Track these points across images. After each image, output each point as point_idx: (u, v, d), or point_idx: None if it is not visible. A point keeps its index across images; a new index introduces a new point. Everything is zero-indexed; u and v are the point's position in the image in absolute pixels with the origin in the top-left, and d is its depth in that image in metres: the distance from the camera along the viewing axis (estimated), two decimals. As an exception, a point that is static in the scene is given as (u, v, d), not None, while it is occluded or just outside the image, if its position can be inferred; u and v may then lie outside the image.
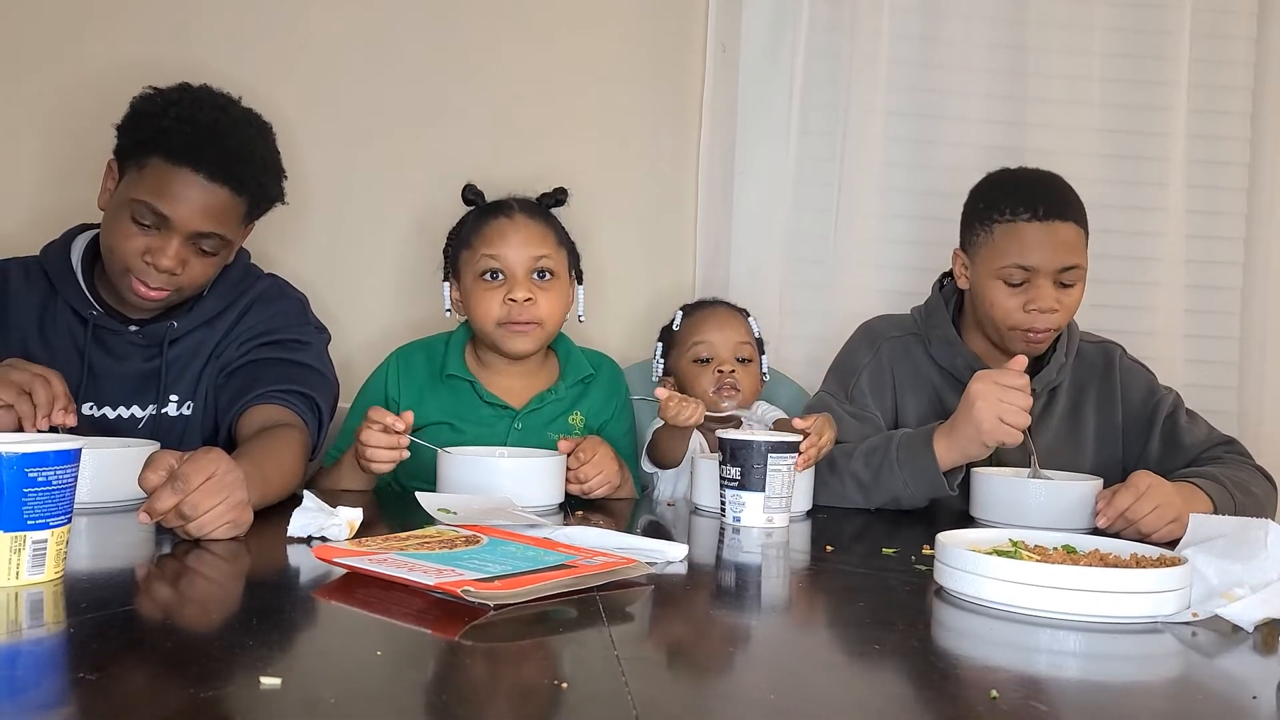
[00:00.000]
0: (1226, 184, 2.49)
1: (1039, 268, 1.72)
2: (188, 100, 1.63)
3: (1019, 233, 1.73)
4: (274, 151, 1.71)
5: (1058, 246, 1.72)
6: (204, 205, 1.59)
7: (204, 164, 1.58)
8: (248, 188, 1.64)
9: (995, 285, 1.76)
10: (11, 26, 2.22)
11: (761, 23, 2.37)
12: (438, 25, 2.35)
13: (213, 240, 1.63)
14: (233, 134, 1.62)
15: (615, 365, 2.00)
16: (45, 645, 0.89)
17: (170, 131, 1.58)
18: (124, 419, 1.70)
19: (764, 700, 0.81)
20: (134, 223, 1.59)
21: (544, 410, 1.86)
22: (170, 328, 1.70)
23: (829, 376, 1.95)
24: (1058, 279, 1.74)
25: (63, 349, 1.69)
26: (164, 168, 1.58)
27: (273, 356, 1.72)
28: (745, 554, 1.40)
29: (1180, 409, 1.86)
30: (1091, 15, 2.44)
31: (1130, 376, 1.89)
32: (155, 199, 1.57)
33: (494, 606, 0.98)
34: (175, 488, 1.18)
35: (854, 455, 1.71)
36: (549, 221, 1.87)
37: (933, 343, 1.88)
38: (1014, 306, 1.75)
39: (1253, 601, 1.04)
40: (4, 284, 1.72)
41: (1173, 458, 1.80)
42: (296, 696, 0.76)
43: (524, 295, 1.78)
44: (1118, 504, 1.51)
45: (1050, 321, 1.74)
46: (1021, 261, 1.73)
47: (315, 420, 1.67)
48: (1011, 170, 1.86)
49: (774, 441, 1.52)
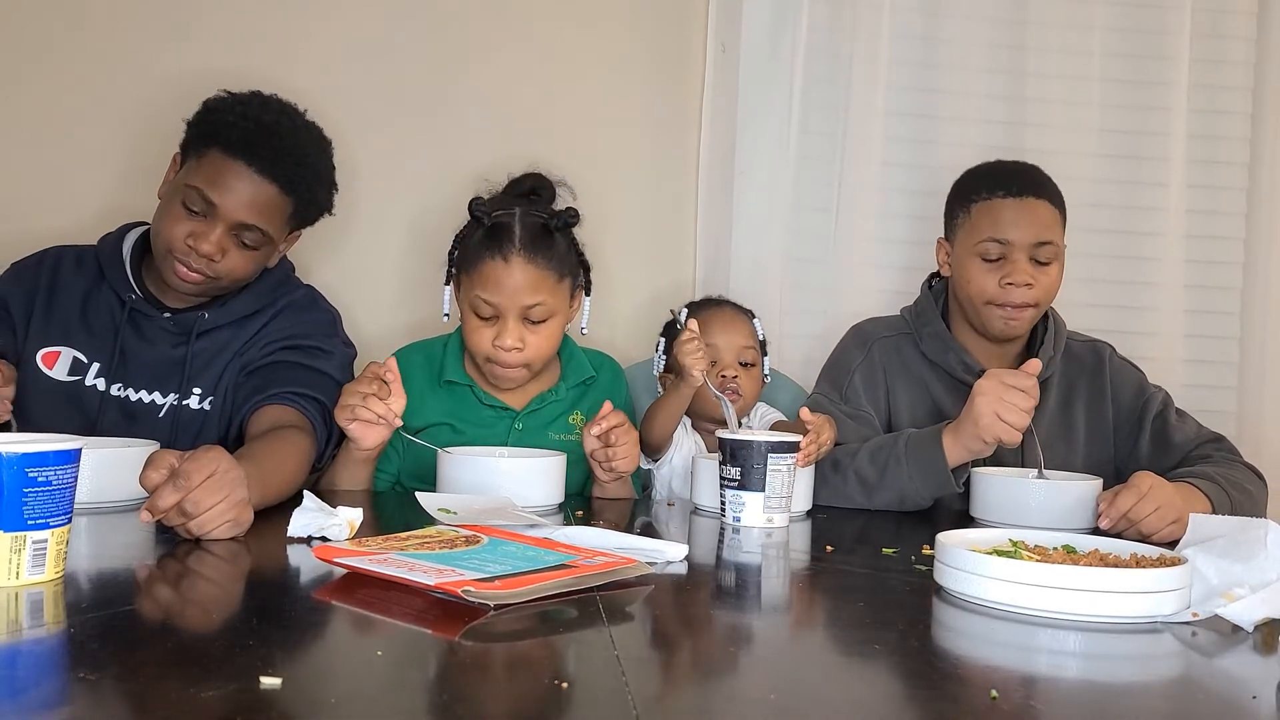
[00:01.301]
0: (1226, 184, 2.49)
1: (1014, 241, 1.78)
2: (256, 102, 1.73)
3: (994, 209, 1.81)
4: (328, 163, 1.81)
5: (1032, 222, 1.79)
6: (250, 197, 1.67)
7: (257, 158, 1.67)
8: (296, 189, 1.72)
9: (973, 262, 1.82)
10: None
11: (761, 23, 2.37)
12: (438, 25, 2.35)
13: (254, 234, 1.70)
14: (290, 137, 1.72)
15: (616, 365, 2.00)
16: (45, 645, 0.89)
17: (232, 126, 1.68)
18: (144, 404, 1.74)
19: (764, 700, 0.81)
20: (184, 207, 1.67)
21: (544, 411, 1.86)
22: (201, 318, 1.75)
23: (821, 379, 1.97)
24: (1033, 255, 1.79)
25: (101, 330, 1.77)
26: (220, 158, 1.67)
27: (292, 360, 1.74)
28: (745, 554, 1.40)
29: (1170, 407, 1.88)
30: (1091, 15, 2.44)
31: (1120, 376, 1.91)
32: (206, 186, 1.66)
33: (494, 606, 0.98)
34: (177, 485, 1.18)
35: (858, 454, 1.71)
36: (549, 260, 1.77)
37: (923, 339, 1.90)
38: (990, 282, 1.80)
39: (1253, 601, 1.04)
40: (58, 267, 1.82)
41: (1163, 456, 1.82)
42: (296, 696, 0.76)
43: (512, 342, 1.75)
44: (1120, 505, 1.51)
45: (1026, 296, 1.78)
46: (996, 235, 1.79)
47: (325, 427, 1.68)
48: (989, 161, 1.94)
49: (774, 441, 1.52)
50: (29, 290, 1.78)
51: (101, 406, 1.73)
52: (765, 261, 2.38)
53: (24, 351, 1.75)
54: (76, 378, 1.74)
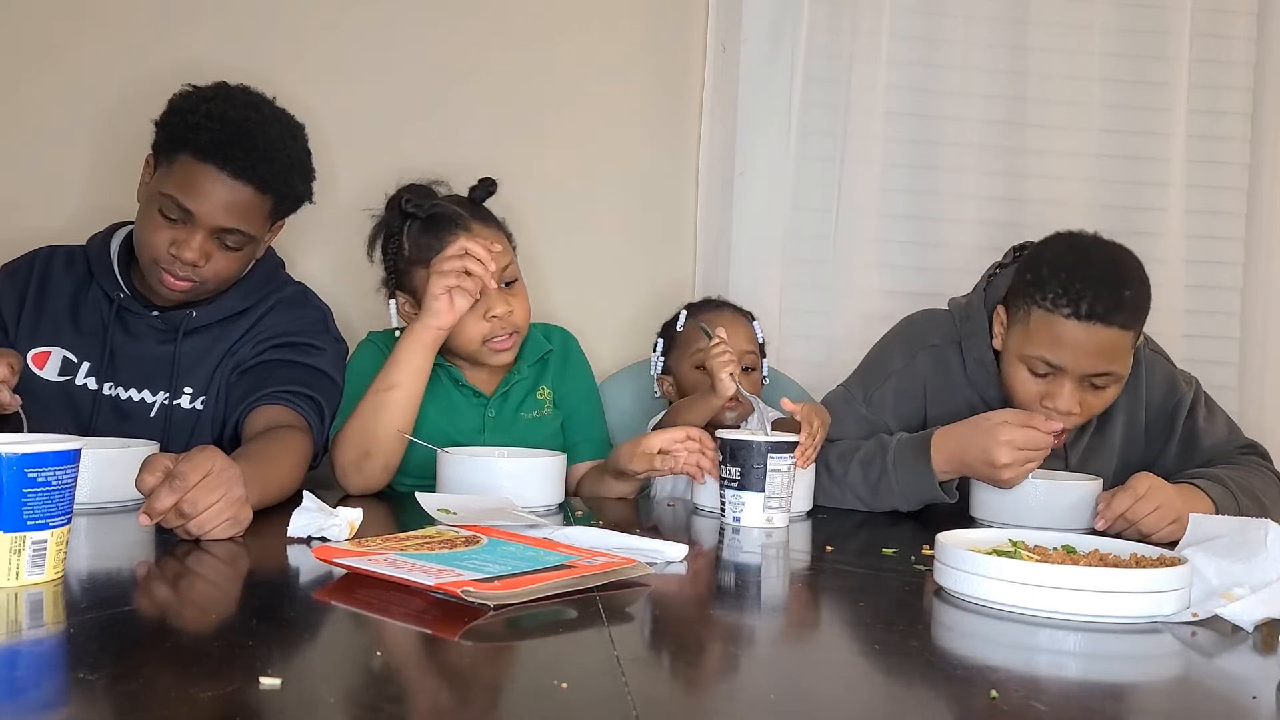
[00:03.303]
0: (1226, 184, 2.48)
1: (1066, 368, 1.59)
2: (220, 99, 1.67)
3: (1054, 325, 1.57)
4: (303, 152, 1.76)
5: (1092, 351, 1.57)
6: (227, 202, 1.64)
7: (229, 162, 1.62)
8: (272, 186, 1.68)
9: (1019, 368, 1.64)
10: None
11: (761, 23, 2.36)
12: (438, 25, 2.35)
13: (236, 236, 1.67)
14: (260, 133, 1.66)
15: (565, 332, 2.00)
16: (45, 645, 0.89)
17: (200, 128, 1.63)
18: (135, 402, 1.74)
19: (764, 700, 0.81)
20: (161, 215, 1.65)
21: (512, 393, 1.87)
22: (189, 316, 1.74)
23: (857, 372, 1.87)
24: (1087, 380, 1.61)
25: (90, 329, 1.76)
26: (191, 164, 1.63)
27: (285, 359, 1.73)
28: (745, 554, 1.40)
29: (1200, 405, 1.79)
30: (1091, 15, 2.43)
31: (1153, 374, 1.80)
32: (181, 194, 1.63)
33: (494, 606, 0.98)
34: (173, 486, 1.18)
35: (850, 465, 1.68)
36: (497, 224, 1.84)
37: (968, 359, 1.77)
38: (1033, 394, 1.63)
39: (1253, 601, 1.04)
40: (48, 267, 1.80)
41: (1191, 460, 1.74)
42: (296, 696, 0.76)
43: (504, 309, 1.76)
44: (1116, 507, 1.50)
45: (1066, 422, 1.61)
46: (1049, 357, 1.59)
47: (320, 425, 1.67)
48: (1078, 244, 1.67)
49: (774, 442, 1.52)
50: (19, 291, 1.78)
51: (94, 406, 1.72)
52: (765, 261, 2.38)
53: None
54: (67, 377, 1.73)
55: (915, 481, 1.64)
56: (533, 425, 1.86)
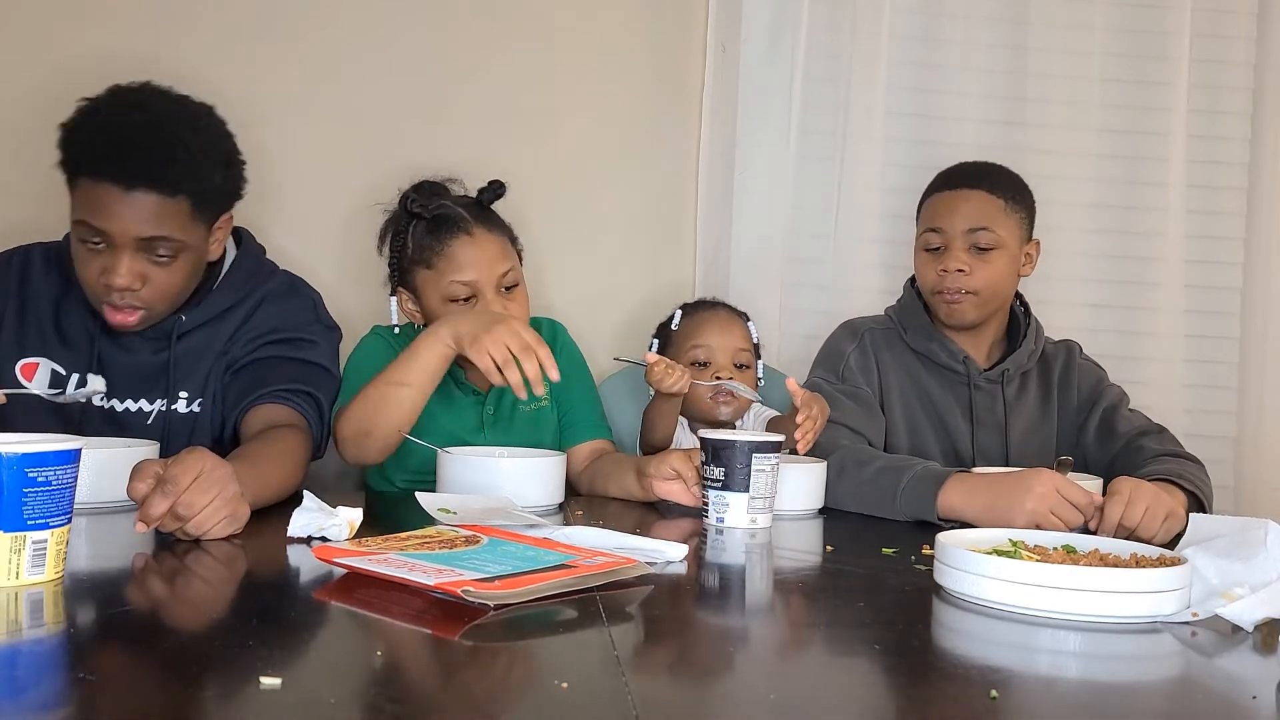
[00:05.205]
0: (1226, 184, 2.49)
1: (946, 230, 1.86)
2: (103, 110, 1.57)
3: (934, 202, 1.91)
4: (210, 140, 1.62)
5: (966, 211, 1.86)
6: (134, 214, 1.53)
7: (125, 175, 1.52)
8: (181, 187, 1.55)
9: (920, 256, 1.92)
10: (11, 20, 2.22)
11: (761, 22, 2.37)
12: (438, 24, 2.35)
13: (165, 245, 1.56)
14: (149, 135, 1.54)
15: (553, 321, 2.00)
16: (45, 645, 0.89)
17: (89, 146, 1.54)
18: (132, 412, 1.69)
19: (764, 700, 0.81)
20: (84, 246, 1.57)
21: (509, 390, 1.86)
22: (179, 321, 1.68)
23: (815, 368, 1.99)
24: (970, 243, 1.85)
25: (76, 338, 1.69)
26: (90, 185, 1.54)
27: (279, 355, 1.71)
28: (745, 554, 1.40)
29: (1123, 403, 1.93)
30: (1091, 15, 2.44)
31: (1084, 370, 1.98)
32: (91, 217, 1.54)
33: (494, 606, 0.98)
34: (166, 491, 1.17)
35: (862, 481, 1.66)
36: (502, 227, 1.82)
37: (908, 331, 1.95)
38: (931, 272, 1.88)
39: (1253, 601, 1.04)
40: (26, 271, 1.72)
41: (1107, 443, 1.87)
42: (296, 696, 0.76)
43: (502, 309, 1.75)
44: (1110, 515, 1.49)
45: (962, 283, 1.84)
46: (931, 224, 1.89)
47: (319, 419, 1.67)
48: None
49: (757, 441, 1.50)
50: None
51: (86, 418, 1.67)
52: (765, 261, 2.38)
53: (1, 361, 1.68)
54: (57, 391, 1.65)
55: (918, 508, 1.60)
56: (532, 418, 1.86)
